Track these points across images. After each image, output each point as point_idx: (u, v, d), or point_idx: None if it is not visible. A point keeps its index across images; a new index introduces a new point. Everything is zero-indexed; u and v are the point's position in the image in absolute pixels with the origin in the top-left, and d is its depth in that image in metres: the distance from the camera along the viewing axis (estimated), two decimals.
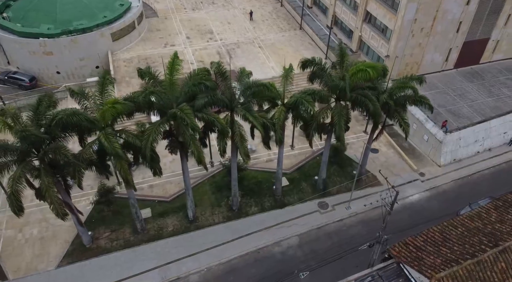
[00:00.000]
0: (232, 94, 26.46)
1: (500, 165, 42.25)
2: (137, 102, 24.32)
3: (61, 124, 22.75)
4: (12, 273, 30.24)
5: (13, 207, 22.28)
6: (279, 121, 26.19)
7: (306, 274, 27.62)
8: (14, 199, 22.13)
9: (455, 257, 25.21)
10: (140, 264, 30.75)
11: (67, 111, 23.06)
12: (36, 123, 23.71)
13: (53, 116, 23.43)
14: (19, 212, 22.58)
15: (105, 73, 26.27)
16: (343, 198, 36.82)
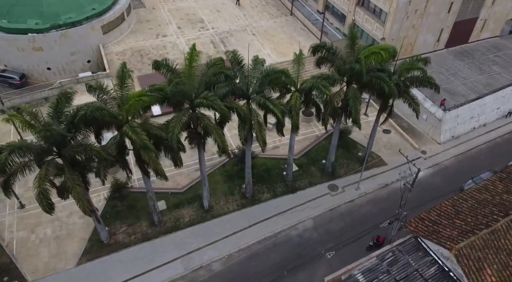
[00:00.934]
0: (248, 82, 26.86)
1: (495, 139, 44.46)
2: (165, 93, 24.38)
3: (85, 120, 22.68)
4: (30, 274, 30.17)
5: (43, 206, 22.29)
6: (296, 108, 26.85)
7: (332, 254, 28.76)
8: (44, 198, 22.13)
9: (470, 228, 26.75)
10: (161, 256, 31.20)
11: (90, 106, 22.99)
12: (57, 121, 23.54)
13: (74, 112, 23.33)
14: (50, 210, 22.56)
15: (123, 66, 26.14)
16: (351, 180, 38.09)
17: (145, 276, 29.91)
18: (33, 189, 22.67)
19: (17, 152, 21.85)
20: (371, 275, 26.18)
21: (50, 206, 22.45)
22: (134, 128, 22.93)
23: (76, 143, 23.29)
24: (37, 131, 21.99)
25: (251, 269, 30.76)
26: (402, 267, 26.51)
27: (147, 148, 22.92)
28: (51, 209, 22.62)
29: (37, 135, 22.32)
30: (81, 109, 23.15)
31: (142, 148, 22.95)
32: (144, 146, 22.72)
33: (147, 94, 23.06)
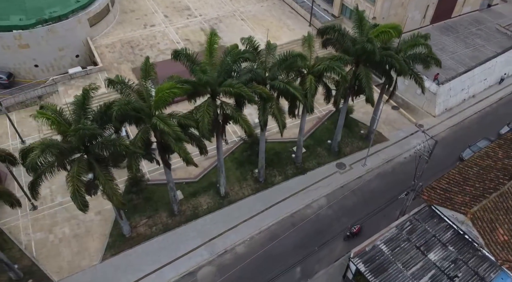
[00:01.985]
0: (265, 67, 27.61)
1: (484, 109, 47.32)
2: (193, 83, 24.75)
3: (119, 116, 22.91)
4: (55, 274, 30.43)
5: (78, 204, 22.62)
6: (311, 90, 27.92)
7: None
8: (79, 196, 22.45)
9: (480, 193, 29.02)
10: (185, 244, 32.09)
11: (121, 101, 23.21)
12: (85, 117, 23.69)
13: (104, 108, 23.52)
14: (85, 208, 22.92)
15: (146, 59, 26.29)
16: (357, 157, 39.90)
17: (174, 264, 30.80)
18: (68, 188, 22.88)
19: (49, 150, 21.93)
20: (393, 244, 28.09)
21: (84, 203, 22.81)
22: (165, 119, 23.37)
23: (105, 139, 23.52)
24: (74, 129, 22.03)
25: (275, 249, 32.16)
26: (420, 234, 28.54)
27: (179, 139, 23.44)
28: (86, 206, 23.00)
29: (72, 132, 22.32)
30: (112, 105, 23.30)
31: (174, 139, 23.43)
32: (177, 138, 23.23)
33: (178, 87, 23.33)
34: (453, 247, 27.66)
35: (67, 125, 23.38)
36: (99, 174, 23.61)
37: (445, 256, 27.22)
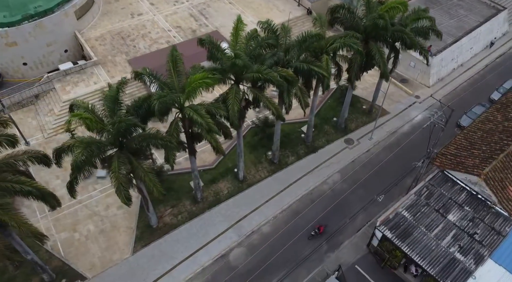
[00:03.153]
0: (285, 50, 28.60)
1: (473, 76, 50.37)
2: (222, 71, 25.40)
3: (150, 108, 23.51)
4: (88, 271, 31.08)
5: (122, 198, 23.32)
6: (328, 69, 29.27)
7: (382, 197, 32.62)
8: (123, 189, 23.14)
9: (488, 155, 31.67)
10: (213, 229, 33.37)
11: (158, 93, 23.71)
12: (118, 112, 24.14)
13: (140, 102, 24.01)
14: (128, 202, 23.63)
15: (173, 49, 26.62)
16: (363, 132, 42.00)
17: (206, 249, 32.11)
18: (112, 183, 23.49)
19: (91, 147, 22.40)
20: (414, 210, 30.45)
21: (128, 197, 23.53)
22: (199, 110, 24.14)
23: (142, 132, 24.09)
24: (114, 122, 22.43)
25: (298, 225, 33.98)
26: (437, 198, 31.02)
27: (211, 129, 24.28)
28: (129, 200, 23.72)
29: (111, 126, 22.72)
30: (149, 98, 23.79)
31: (207, 129, 24.24)
32: (208, 128, 24.06)
33: (210, 77, 23.93)
34: (469, 207, 30.28)
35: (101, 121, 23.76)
36: (137, 167, 24.27)
37: (462, 216, 29.83)
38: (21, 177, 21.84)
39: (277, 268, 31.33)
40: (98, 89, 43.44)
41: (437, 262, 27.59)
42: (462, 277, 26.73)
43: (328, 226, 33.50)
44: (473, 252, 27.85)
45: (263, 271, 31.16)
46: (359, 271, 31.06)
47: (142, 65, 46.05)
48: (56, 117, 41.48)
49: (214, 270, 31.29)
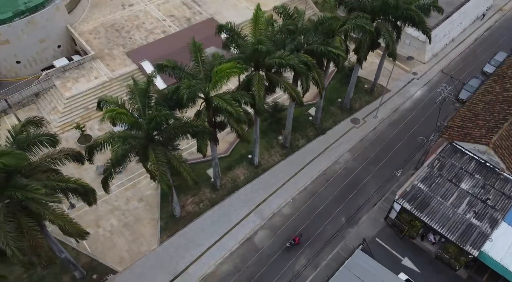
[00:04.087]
0: (302, 33, 29.50)
1: (464, 51, 52.72)
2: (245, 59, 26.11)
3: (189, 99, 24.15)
4: (117, 265, 31.85)
5: (164, 186, 24.21)
6: (342, 50, 30.44)
7: (400, 171, 34.46)
8: (165, 178, 23.98)
9: (493, 125, 33.88)
10: (235, 214, 34.60)
11: (187, 84, 24.34)
12: (148, 104, 24.68)
13: (170, 93, 24.60)
14: (169, 189, 24.45)
15: (193, 40, 27.11)
16: (367, 110, 43.74)
17: (231, 234, 33.34)
18: (154, 174, 24.22)
19: (129, 141, 23.00)
20: (428, 181, 32.46)
21: (169, 184, 24.37)
22: (227, 99, 24.94)
23: (177, 122, 24.77)
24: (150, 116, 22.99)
25: (317, 205, 35.64)
26: (449, 169, 33.10)
27: (240, 118, 25.17)
28: (170, 187, 24.55)
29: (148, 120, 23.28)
30: (179, 88, 24.40)
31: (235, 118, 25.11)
32: (237, 117, 24.95)
33: (238, 66, 24.57)
34: (479, 175, 32.51)
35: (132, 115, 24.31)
36: (172, 158, 25.06)
37: (474, 184, 32.04)
38: (63, 175, 22.28)
39: (300, 247, 32.88)
40: (100, 84, 43.44)
41: (456, 229, 29.75)
42: (480, 241, 28.98)
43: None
44: (488, 217, 30.13)
45: (288, 252, 32.65)
46: (380, 243, 33.01)
47: (142, 57, 46.60)
48: (60, 114, 41.30)
49: (241, 253, 32.62)
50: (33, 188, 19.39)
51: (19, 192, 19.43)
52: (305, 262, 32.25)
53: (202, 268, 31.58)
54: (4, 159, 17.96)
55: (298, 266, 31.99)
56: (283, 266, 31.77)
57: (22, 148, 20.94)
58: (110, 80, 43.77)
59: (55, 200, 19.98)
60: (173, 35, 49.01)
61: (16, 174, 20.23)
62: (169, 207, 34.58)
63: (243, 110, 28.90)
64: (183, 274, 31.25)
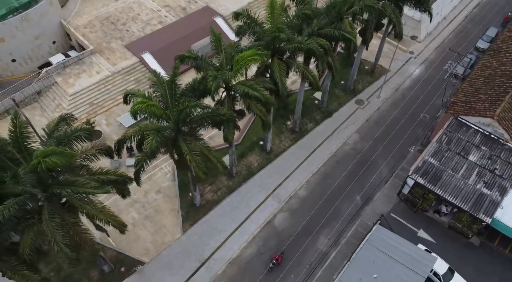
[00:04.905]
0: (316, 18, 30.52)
1: (456, 28, 54.74)
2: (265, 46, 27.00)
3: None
4: (144, 256, 32.84)
5: (201, 173, 25.18)
6: (353, 32, 31.66)
7: (413, 148, 36.24)
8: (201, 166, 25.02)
9: (495, 98, 35.93)
10: (253, 200, 35.91)
11: (212, 74, 25.15)
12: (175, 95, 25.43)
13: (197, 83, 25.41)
14: (204, 175, 25.46)
15: (212, 30, 27.72)
16: (370, 91, 45.40)
17: (251, 219, 34.71)
18: (189, 162, 25.12)
19: (162, 133, 23.81)
20: (438, 156, 34.41)
21: (205, 172, 25.37)
22: (252, 86, 25.92)
23: (205, 112, 25.64)
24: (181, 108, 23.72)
25: (330, 185, 37.29)
26: (457, 143, 35.11)
27: (268, 102, 26.24)
28: (206, 174, 25.57)
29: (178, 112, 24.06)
30: (204, 79, 25.20)
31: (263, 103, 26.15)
32: (265, 101, 25.99)
33: (259, 53, 25.42)
34: (485, 147, 34.62)
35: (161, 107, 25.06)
36: (202, 147, 26.00)
37: (481, 156, 34.13)
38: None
39: (320, 227, 34.51)
40: (103, 79, 43.59)
41: (468, 199, 31.83)
42: (491, 209, 31.16)
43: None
44: (497, 186, 32.31)
45: (307, 231, 34.25)
46: (395, 217, 34.94)
47: (142, 49, 46.84)
48: (66, 111, 41.29)
49: (263, 236, 34.05)
50: (82, 183, 20.10)
51: (69, 188, 20.12)
52: (325, 240, 33.91)
53: (227, 253, 32.88)
54: (54, 158, 18.58)
55: (319, 244, 33.63)
56: (304, 246, 33.35)
57: (63, 144, 21.52)
58: (112, 74, 43.94)
59: (106, 191, 20.75)
60: (170, 26, 49.22)
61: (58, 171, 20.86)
62: (188, 197, 35.62)
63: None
64: (209, 260, 32.49)
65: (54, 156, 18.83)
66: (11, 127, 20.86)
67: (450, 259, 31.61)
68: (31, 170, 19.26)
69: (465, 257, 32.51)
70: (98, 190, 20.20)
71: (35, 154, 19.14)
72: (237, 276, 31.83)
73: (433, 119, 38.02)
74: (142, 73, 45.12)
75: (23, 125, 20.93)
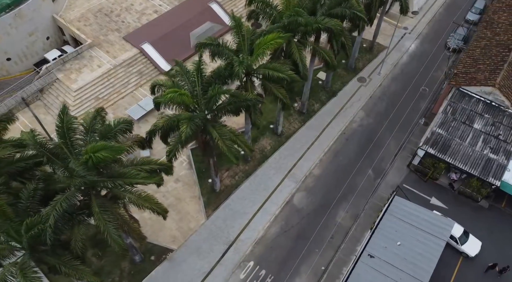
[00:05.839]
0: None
1: (445, 1, 56.77)
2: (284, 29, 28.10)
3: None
4: (171, 244, 34.14)
5: (233, 157, 26.52)
6: (363, 12, 33.05)
7: (423, 120, 38.27)
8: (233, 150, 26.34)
9: (493, 67, 38.20)
10: (271, 182, 37.51)
11: (237, 59, 26.12)
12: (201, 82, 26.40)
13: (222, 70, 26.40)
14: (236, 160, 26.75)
15: (233, 14, 28.38)
16: (370, 68, 47.22)
17: (271, 200, 36.41)
18: (221, 147, 26.30)
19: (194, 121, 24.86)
20: (445, 126, 36.70)
21: (236, 156, 26.63)
22: (276, 67, 27.10)
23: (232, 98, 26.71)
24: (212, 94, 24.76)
25: (342, 162, 39.24)
26: (461, 112, 37.43)
27: (294, 81, 27.52)
28: (237, 159, 26.83)
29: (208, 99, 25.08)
30: (230, 64, 26.17)
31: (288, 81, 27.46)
32: (292, 80, 27.26)
33: (281, 36, 26.46)
34: (488, 114, 37.02)
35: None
36: (229, 133, 27.18)
37: (485, 123, 36.55)
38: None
39: (337, 202, 36.44)
40: (105, 72, 43.81)
41: (477, 165, 34.25)
42: (499, 172, 33.71)
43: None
44: (502, 150, 34.83)
45: (326, 206, 36.17)
46: (408, 188, 37.16)
47: (141, 40, 47.14)
48: (72, 108, 41.56)
49: (284, 215, 35.78)
50: (133, 175, 21.10)
51: (120, 180, 21.09)
52: (343, 214, 35.90)
53: (252, 233, 34.50)
54: (105, 152, 19.47)
55: (338, 217, 35.61)
56: (324, 221, 35.24)
57: (107, 138, 22.34)
58: (114, 67, 44.19)
59: (157, 181, 21.82)
60: (166, 14, 49.47)
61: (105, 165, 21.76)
62: (207, 183, 36.89)
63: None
64: (236, 242, 34.07)
65: (104, 150, 19.74)
66: (58, 123, 21.51)
67: (463, 222, 34.07)
68: (82, 164, 20.11)
69: (477, 219, 35.10)
70: (150, 180, 21.24)
71: (85, 149, 19.99)
72: (265, 255, 33.58)
73: (437, 92, 40.10)
74: (143, 64, 45.52)
75: (71, 119, 21.62)
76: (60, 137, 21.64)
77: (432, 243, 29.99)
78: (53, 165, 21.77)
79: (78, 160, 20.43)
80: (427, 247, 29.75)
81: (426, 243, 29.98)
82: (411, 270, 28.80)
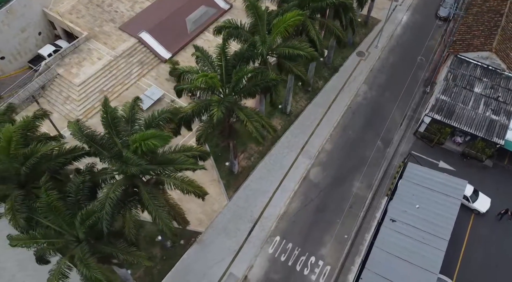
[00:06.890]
0: None
1: None
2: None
3: None
4: (198, 226, 35.72)
5: (260, 138, 28.06)
6: None
7: (429, 88, 40.53)
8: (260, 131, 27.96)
9: (488, 33, 40.64)
10: (286, 160, 39.38)
11: (260, 40, 27.39)
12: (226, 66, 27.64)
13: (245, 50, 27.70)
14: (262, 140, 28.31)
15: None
16: (367, 42, 49.32)
17: (288, 177, 38.39)
18: (250, 128, 27.76)
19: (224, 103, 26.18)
20: (448, 92, 39.20)
21: (263, 136, 28.15)
22: (295, 45, 28.53)
23: (256, 80, 28.05)
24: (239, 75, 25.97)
25: (351, 136, 41.46)
26: (461, 78, 39.96)
27: (313, 57, 29.06)
28: (263, 138, 28.38)
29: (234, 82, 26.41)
30: (251, 46, 27.43)
31: (309, 59, 28.99)
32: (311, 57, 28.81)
33: (300, 13, 27.57)
34: (486, 78, 39.69)
35: None
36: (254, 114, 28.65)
37: (484, 86, 39.23)
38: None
39: (352, 173, 38.67)
40: (107, 64, 44.17)
41: (481, 126, 36.97)
42: (502, 131, 36.54)
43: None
44: (503, 111, 37.66)
45: (341, 179, 38.40)
46: (417, 154, 39.66)
47: (138, 29, 47.63)
48: (77, 103, 42.06)
49: (303, 191, 37.82)
50: (182, 161, 22.44)
51: (171, 166, 22.40)
52: (358, 184, 38.18)
53: (275, 210, 36.45)
54: (154, 140, 20.70)
55: (354, 188, 37.87)
56: (341, 192, 37.46)
57: (152, 127, 23.47)
58: (115, 58, 44.58)
59: (202, 167, 23.30)
60: (159, 1, 49.80)
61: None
62: (224, 166, 38.39)
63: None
64: (261, 219, 35.96)
65: (153, 138, 20.96)
66: (103, 114, 22.50)
67: (471, 182, 36.87)
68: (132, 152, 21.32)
69: (483, 178, 38.01)
70: (197, 166, 22.60)
71: (134, 138, 21.16)
72: (289, 229, 35.66)
73: (436, 61, 42.43)
74: (144, 54, 46.04)
75: (114, 110, 22.62)
76: (106, 128, 22.64)
77: (448, 203, 32.61)
78: (101, 156, 22.82)
79: (128, 149, 21.56)
80: (444, 207, 32.35)
81: (443, 203, 32.56)
82: (432, 229, 31.38)
